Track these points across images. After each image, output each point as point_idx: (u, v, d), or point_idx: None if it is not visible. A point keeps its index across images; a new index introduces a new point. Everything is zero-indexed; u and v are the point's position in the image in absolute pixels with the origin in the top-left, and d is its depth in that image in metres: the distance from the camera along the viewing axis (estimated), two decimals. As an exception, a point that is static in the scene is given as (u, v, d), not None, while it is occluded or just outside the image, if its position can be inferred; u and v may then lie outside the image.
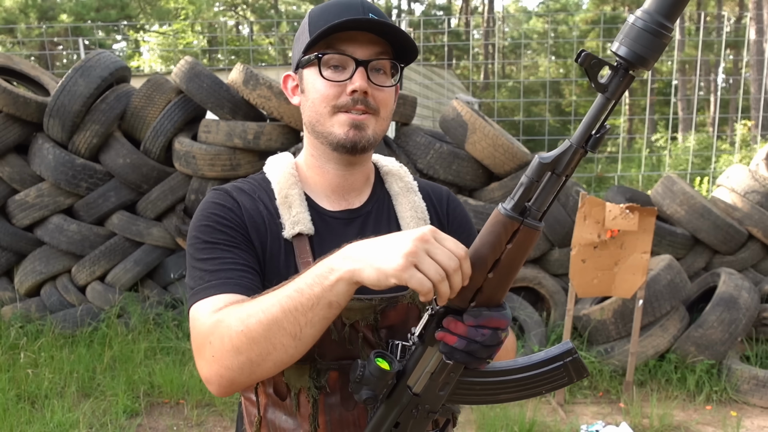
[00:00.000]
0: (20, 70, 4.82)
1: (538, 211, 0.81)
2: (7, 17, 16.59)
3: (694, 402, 3.63)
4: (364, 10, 0.99)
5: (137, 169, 4.38)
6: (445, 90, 9.99)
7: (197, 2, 19.19)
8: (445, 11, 28.11)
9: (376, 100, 1.01)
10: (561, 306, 4.20)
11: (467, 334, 0.81)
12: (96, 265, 4.43)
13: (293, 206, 1.03)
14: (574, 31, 18.38)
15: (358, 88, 0.97)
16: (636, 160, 11.48)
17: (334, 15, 0.98)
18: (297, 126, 4.28)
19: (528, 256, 0.84)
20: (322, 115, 1.01)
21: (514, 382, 0.90)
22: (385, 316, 1.00)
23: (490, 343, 0.82)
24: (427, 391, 0.89)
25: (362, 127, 1.00)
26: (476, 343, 0.82)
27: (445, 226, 1.13)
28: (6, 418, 3.25)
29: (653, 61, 0.76)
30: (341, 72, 0.99)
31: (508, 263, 0.82)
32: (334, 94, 0.99)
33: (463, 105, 4.32)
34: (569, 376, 0.91)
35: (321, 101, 1.00)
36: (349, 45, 0.98)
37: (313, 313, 0.82)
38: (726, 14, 11.17)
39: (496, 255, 0.81)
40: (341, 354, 0.99)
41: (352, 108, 0.99)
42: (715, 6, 20.97)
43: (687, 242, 4.35)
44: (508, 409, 3.38)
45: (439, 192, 1.18)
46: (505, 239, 0.81)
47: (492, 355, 0.85)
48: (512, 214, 0.81)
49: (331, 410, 1.00)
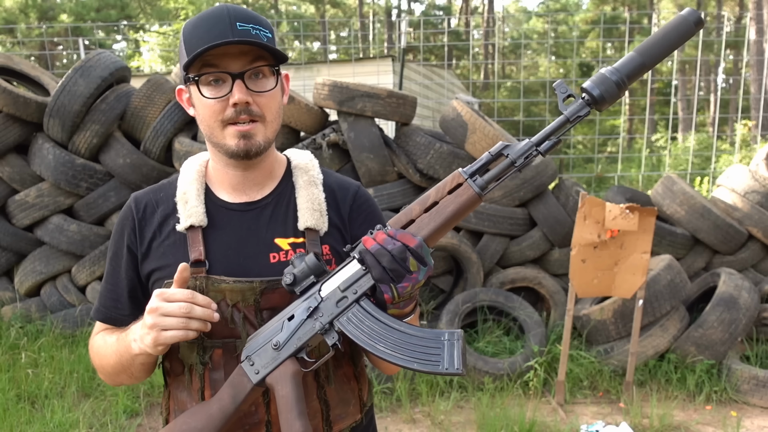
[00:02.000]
0: (20, 70, 4.82)
1: (484, 182, 0.98)
2: (7, 17, 16.59)
3: (694, 402, 3.63)
4: (231, 20, 1.03)
5: (137, 169, 4.38)
6: (445, 90, 9.99)
7: (197, 2, 19.20)
8: (445, 11, 28.10)
9: (260, 106, 1.07)
10: (561, 306, 4.20)
11: (383, 242, 0.95)
12: (96, 265, 4.43)
13: (189, 201, 1.14)
14: (574, 31, 18.37)
15: (238, 101, 1.04)
16: (636, 160, 11.48)
17: (204, 31, 1.02)
18: (297, 126, 4.28)
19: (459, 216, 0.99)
20: (213, 128, 1.08)
21: (394, 339, 0.98)
22: (267, 298, 1.09)
23: (398, 255, 0.93)
24: (328, 299, 1.01)
25: (250, 135, 1.07)
26: (387, 251, 0.94)
27: (344, 218, 1.20)
28: (6, 418, 3.25)
29: (607, 106, 0.98)
30: (221, 86, 1.05)
31: (442, 207, 0.98)
32: (218, 109, 1.06)
33: (463, 105, 4.32)
34: (442, 362, 0.95)
35: (209, 117, 1.07)
36: (223, 59, 1.03)
37: (135, 364, 1.10)
38: (726, 14, 11.17)
39: (437, 197, 0.99)
40: (225, 333, 1.10)
41: (237, 119, 1.06)
42: (715, 6, 20.97)
43: (687, 242, 4.35)
44: (508, 410, 3.38)
45: (347, 187, 1.23)
46: (449, 187, 0.99)
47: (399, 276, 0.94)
48: (461, 170, 0.98)
49: (216, 385, 1.10)
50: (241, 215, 1.15)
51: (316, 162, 1.23)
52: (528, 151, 0.97)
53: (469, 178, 0.98)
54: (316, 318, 1.01)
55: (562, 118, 0.98)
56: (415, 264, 0.95)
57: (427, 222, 0.99)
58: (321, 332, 1.01)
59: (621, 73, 0.98)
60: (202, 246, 1.11)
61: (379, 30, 24.21)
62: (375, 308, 1.00)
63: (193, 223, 1.12)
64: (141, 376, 1.14)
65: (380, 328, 0.99)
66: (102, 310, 1.20)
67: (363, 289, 1.00)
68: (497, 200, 4.31)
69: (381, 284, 0.96)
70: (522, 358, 3.85)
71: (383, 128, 4.70)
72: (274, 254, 1.12)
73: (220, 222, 1.14)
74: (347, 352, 1.19)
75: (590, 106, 0.98)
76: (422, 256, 0.95)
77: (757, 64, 12.97)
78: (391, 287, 0.95)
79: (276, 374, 1.02)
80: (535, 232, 4.37)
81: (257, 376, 1.02)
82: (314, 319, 1.01)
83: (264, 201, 1.16)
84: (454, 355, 0.95)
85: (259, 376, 1.02)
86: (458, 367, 0.95)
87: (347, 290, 1.00)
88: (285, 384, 1.01)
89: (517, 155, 0.97)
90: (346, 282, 1.01)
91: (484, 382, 3.71)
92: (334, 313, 1.01)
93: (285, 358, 1.02)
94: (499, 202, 4.30)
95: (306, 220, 1.14)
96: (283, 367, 1.02)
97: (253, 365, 1.03)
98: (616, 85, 0.97)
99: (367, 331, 0.99)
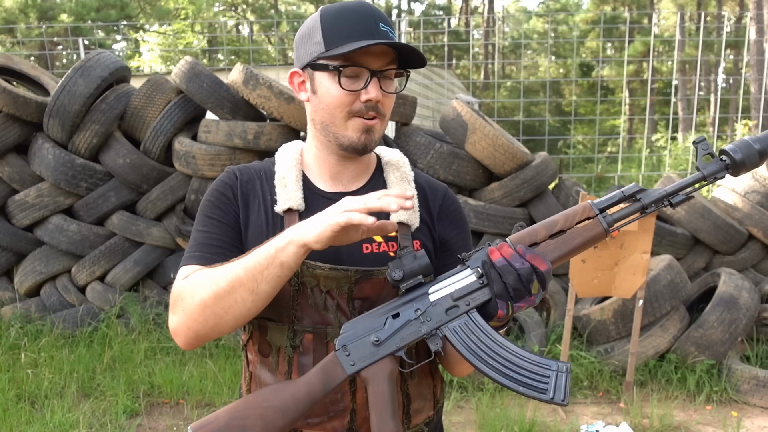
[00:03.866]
0: (20, 70, 4.82)
1: (612, 220, 1.00)
2: (7, 17, 16.58)
3: (694, 402, 3.63)
4: (376, 20, 1.06)
5: (137, 169, 4.38)
6: (445, 90, 9.98)
7: (197, 2, 19.19)
8: (445, 11, 28.10)
9: (384, 106, 1.10)
10: (561, 306, 4.20)
11: (510, 258, 0.95)
12: (96, 265, 4.43)
13: (288, 185, 1.15)
14: (574, 31, 18.37)
15: (373, 98, 1.07)
16: (636, 160, 11.48)
17: (349, 24, 1.06)
18: (297, 126, 4.28)
19: (582, 250, 1.00)
20: (336, 117, 1.10)
21: (501, 359, 0.98)
22: (360, 288, 1.10)
23: (525, 276, 0.93)
24: (438, 304, 1.00)
25: (372, 131, 1.11)
26: (513, 269, 0.94)
27: (433, 217, 1.20)
28: (6, 418, 3.25)
29: (744, 172, 1.00)
30: (355, 81, 1.08)
31: (569, 237, 0.99)
32: (349, 101, 1.08)
33: (463, 105, 4.32)
34: (549, 391, 0.96)
35: (336, 106, 1.09)
36: (364, 57, 1.06)
37: (268, 271, 0.97)
38: (726, 14, 11.17)
39: (565, 225, 1.00)
40: (317, 319, 1.10)
41: (365, 114, 1.09)
42: (715, 6, 20.97)
43: (687, 242, 4.35)
44: (509, 410, 3.38)
45: (436, 187, 1.25)
46: (578, 218, 1.00)
47: (519, 297, 0.94)
48: (593, 204, 1.00)
49: (304, 369, 1.10)
50: None
51: (406, 159, 1.25)
52: (660, 200, 1.00)
53: (600, 214, 1.00)
54: (423, 321, 1.00)
55: (698, 175, 1.00)
56: (537, 288, 0.95)
57: (552, 249, 0.99)
58: (426, 336, 1.00)
59: (764, 143, 1.00)
60: None
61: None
62: (484, 324, 0.99)
63: (291, 206, 1.13)
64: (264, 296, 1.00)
65: (488, 343, 0.98)
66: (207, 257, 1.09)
67: (477, 302, 0.99)
68: (497, 200, 4.30)
69: (499, 300, 0.96)
70: (522, 358, 3.85)
71: (383, 128, 4.70)
72: (367, 245, 1.13)
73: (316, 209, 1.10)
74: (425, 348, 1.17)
75: (728, 170, 1.00)
76: (546, 281, 0.96)
77: (757, 64, 12.96)
78: (508, 305, 0.95)
79: (373, 370, 1.00)
80: (535, 232, 4.36)
81: (353, 367, 1.01)
82: (420, 322, 1.00)
83: (359, 192, 1.16)
84: (562, 386, 0.96)
85: (354, 368, 1.00)
86: (564, 398, 0.96)
87: (460, 300, 0.99)
88: (381, 381, 1.00)
89: (649, 201, 1.00)
90: (461, 291, 1.00)
91: (484, 382, 3.71)
92: (442, 320, 1.00)
93: (384, 355, 1.00)
94: (500, 202, 4.30)
95: (399, 214, 1.14)
96: (382, 364, 1.00)
97: (349, 356, 1.01)
98: (758, 154, 0.99)
99: (473, 345, 0.98)
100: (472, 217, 4.23)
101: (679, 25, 10.45)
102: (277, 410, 0.99)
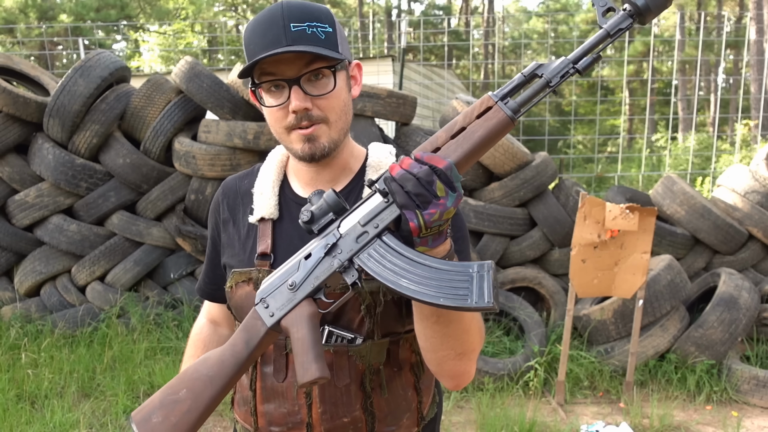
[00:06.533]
0: (20, 70, 4.82)
1: (516, 104, 0.91)
2: (7, 17, 16.58)
3: (694, 402, 3.63)
4: (285, 22, 0.99)
5: (137, 169, 4.38)
6: (445, 90, 9.98)
7: (197, 2, 19.20)
8: (445, 11, 28.09)
9: (321, 108, 1.03)
10: (561, 306, 4.20)
11: (408, 167, 0.87)
12: (96, 265, 4.43)
13: (264, 192, 1.16)
14: (574, 31, 18.36)
15: (296, 109, 1.01)
16: (636, 160, 11.48)
17: (259, 36, 1.00)
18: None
19: (489, 143, 0.91)
20: (279, 134, 1.08)
21: (419, 274, 0.90)
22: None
23: (424, 178, 0.86)
24: (347, 235, 0.94)
25: (314, 138, 1.04)
26: (412, 176, 0.86)
27: None
28: (6, 418, 3.25)
29: (652, 17, 0.89)
30: (280, 92, 1.03)
31: (470, 132, 0.91)
32: (280, 116, 1.04)
33: (463, 105, 4.32)
34: (471, 295, 0.87)
35: (273, 123, 1.07)
36: (279, 66, 1.00)
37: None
38: (726, 14, 11.17)
39: (465, 123, 0.91)
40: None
41: (297, 126, 1.03)
42: (715, 6, 20.96)
43: (687, 242, 4.35)
44: (509, 410, 3.38)
45: None
46: (478, 111, 0.91)
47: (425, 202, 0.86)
48: (491, 94, 0.91)
49: (265, 378, 1.13)
50: None
51: (391, 159, 1.18)
52: (564, 69, 0.90)
53: (500, 101, 0.90)
54: (335, 255, 0.95)
55: (601, 32, 0.90)
56: (442, 189, 0.86)
57: (454, 148, 0.91)
58: (339, 270, 0.95)
59: None
60: (270, 239, 1.12)
61: (379, 30, 24.20)
62: (399, 243, 0.92)
63: (264, 216, 1.14)
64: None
65: (404, 263, 0.90)
66: (204, 288, 1.30)
67: (386, 222, 0.92)
68: (497, 200, 4.30)
69: (406, 211, 0.87)
70: (522, 358, 3.85)
71: (383, 128, 4.70)
72: None
73: (290, 216, 1.14)
74: (409, 360, 1.14)
75: (633, 18, 0.89)
76: (450, 179, 0.87)
77: (757, 63, 12.96)
78: (417, 214, 0.86)
79: (292, 316, 0.97)
80: (535, 232, 4.37)
81: (272, 318, 0.98)
82: (332, 257, 0.95)
83: None
84: (484, 288, 0.87)
85: (273, 318, 0.98)
86: (488, 300, 0.86)
87: (368, 224, 0.93)
88: (301, 326, 0.95)
89: (552, 74, 0.90)
90: (368, 216, 0.93)
91: (485, 382, 3.71)
92: (353, 249, 0.94)
93: (301, 299, 0.96)
94: (499, 202, 4.30)
95: None
96: (300, 309, 0.96)
97: (268, 307, 0.98)
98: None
99: (389, 268, 0.91)
100: (472, 217, 4.23)
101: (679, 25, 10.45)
102: (206, 378, 0.98)
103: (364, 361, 1.08)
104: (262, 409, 1.14)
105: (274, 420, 1.13)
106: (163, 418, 0.97)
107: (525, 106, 0.91)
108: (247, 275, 1.11)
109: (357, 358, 1.08)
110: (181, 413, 0.97)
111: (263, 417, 1.14)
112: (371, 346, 1.08)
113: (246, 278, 1.11)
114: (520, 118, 1.01)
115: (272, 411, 1.13)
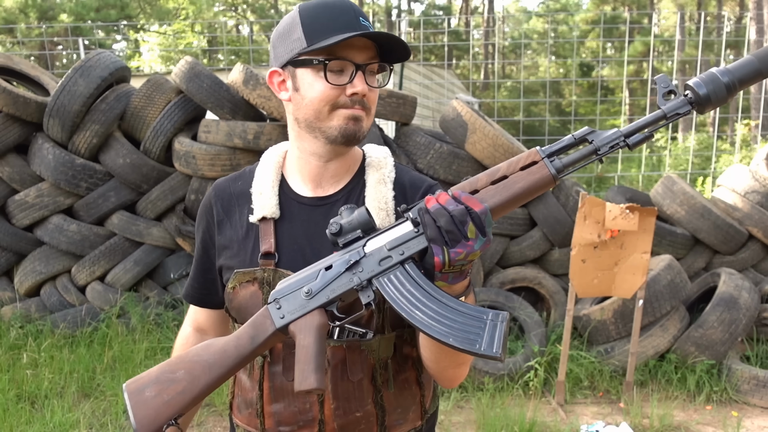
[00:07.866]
0: (20, 70, 4.82)
1: (562, 165, 0.93)
2: (7, 17, 16.58)
3: (694, 402, 3.63)
4: (356, 14, 1.06)
5: (137, 169, 4.38)
6: (445, 90, 9.98)
7: (197, 2, 19.20)
8: (445, 11, 28.09)
9: (369, 100, 1.09)
10: (561, 306, 4.20)
11: (444, 203, 0.89)
12: (96, 265, 4.43)
13: (264, 192, 1.16)
14: (574, 31, 18.37)
15: (359, 92, 1.05)
16: (636, 160, 11.47)
17: (329, 19, 1.04)
18: (297, 126, 4.27)
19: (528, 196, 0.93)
20: (322, 112, 1.08)
21: (434, 310, 0.91)
22: None
23: (458, 217, 0.87)
24: (371, 255, 0.96)
25: (360, 120, 1.08)
26: (447, 212, 0.88)
27: None
28: (6, 418, 3.25)
29: (711, 108, 0.91)
30: (340, 75, 1.06)
31: (511, 182, 0.93)
32: (335, 95, 1.06)
33: (463, 105, 4.32)
34: (480, 341, 0.89)
35: (321, 100, 1.07)
36: (348, 50, 1.05)
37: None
38: (726, 14, 11.17)
39: (508, 171, 0.93)
40: None
41: (350, 107, 1.07)
42: (715, 6, 20.96)
43: (687, 242, 4.35)
44: (509, 410, 3.38)
45: (418, 185, 1.20)
46: (523, 164, 0.93)
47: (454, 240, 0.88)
48: (539, 149, 0.93)
49: (274, 377, 1.13)
50: (311, 210, 1.15)
51: (390, 159, 1.21)
52: (615, 141, 0.91)
53: (546, 158, 0.92)
54: (355, 273, 0.96)
55: (658, 112, 0.92)
56: (474, 231, 0.88)
57: (492, 194, 0.93)
58: (357, 288, 0.96)
59: (733, 75, 0.90)
60: (273, 238, 1.13)
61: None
62: (419, 274, 0.93)
63: (265, 215, 1.14)
64: None
65: (421, 295, 0.92)
66: (193, 294, 1.27)
67: (411, 251, 0.94)
68: (497, 200, 4.30)
69: (434, 245, 0.88)
70: (522, 358, 3.85)
71: (383, 128, 4.70)
72: None
73: (291, 215, 1.15)
74: (411, 356, 1.16)
75: (692, 106, 0.91)
76: (483, 224, 0.88)
77: (757, 64, 12.92)
78: (444, 250, 0.88)
79: (301, 323, 0.98)
80: (535, 232, 4.37)
81: (282, 320, 0.99)
82: (353, 273, 0.96)
83: (334, 197, 1.16)
84: (495, 337, 0.89)
85: (283, 321, 0.99)
86: (497, 350, 0.88)
87: (394, 250, 0.94)
88: (308, 334, 0.97)
89: (602, 143, 0.91)
90: (395, 241, 0.95)
91: (484, 382, 3.71)
92: (375, 270, 0.95)
93: (314, 307, 0.98)
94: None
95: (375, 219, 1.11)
96: (310, 317, 0.98)
97: (280, 309, 1.00)
98: (726, 88, 0.89)
99: (406, 296, 0.92)
100: (472, 217, 4.22)
101: (679, 25, 10.45)
102: (205, 364, 1.00)
103: (374, 356, 1.10)
104: (270, 409, 1.14)
105: (284, 419, 1.13)
106: (156, 393, 0.98)
107: (570, 167, 0.93)
108: (252, 275, 1.12)
109: (368, 352, 1.10)
110: (175, 392, 0.99)
111: (271, 417, 1.14)
112: (381, 340, 1.10)
113: (251, 278, 1.12)
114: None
115: (281, 410, 1.13)
